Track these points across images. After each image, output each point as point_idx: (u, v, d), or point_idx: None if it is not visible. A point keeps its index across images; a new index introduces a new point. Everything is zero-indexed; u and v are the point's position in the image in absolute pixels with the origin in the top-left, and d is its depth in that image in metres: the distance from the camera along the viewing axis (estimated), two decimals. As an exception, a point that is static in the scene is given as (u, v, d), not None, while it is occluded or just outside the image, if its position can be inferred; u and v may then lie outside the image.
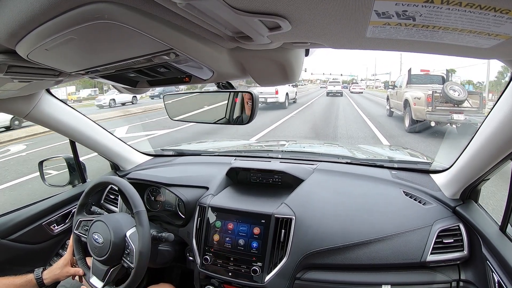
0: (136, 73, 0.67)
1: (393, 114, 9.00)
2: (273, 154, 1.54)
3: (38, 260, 1.32)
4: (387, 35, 0.41)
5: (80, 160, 1.47)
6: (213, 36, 0.48)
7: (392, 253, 0.94)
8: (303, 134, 6.93)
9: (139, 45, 0.49)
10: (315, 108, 12.77)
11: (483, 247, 0.87)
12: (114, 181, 1.11)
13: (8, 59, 0.59)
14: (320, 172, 1.24)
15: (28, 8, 0.38)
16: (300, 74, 0.67)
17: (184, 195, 1.22)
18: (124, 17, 0.39)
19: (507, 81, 0.68)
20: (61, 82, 0.84)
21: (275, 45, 0.50)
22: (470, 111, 6.08)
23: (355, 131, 7.06)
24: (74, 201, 1.41)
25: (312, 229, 1.01)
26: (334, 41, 0.47)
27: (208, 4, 0.35)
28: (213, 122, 0.98)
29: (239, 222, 1.09)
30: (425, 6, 0.32)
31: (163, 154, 1.70)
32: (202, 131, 6.93)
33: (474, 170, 0.89)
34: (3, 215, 1.25)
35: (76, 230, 1.12)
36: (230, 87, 0.88)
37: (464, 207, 0.99)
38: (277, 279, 0.99)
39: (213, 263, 1.09)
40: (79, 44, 0.48)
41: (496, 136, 0.73)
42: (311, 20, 0.38)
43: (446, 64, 24.35)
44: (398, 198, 1.08)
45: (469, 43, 0.41)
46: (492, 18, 0.32)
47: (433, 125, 6.44)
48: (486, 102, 6.37)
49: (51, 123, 1.17)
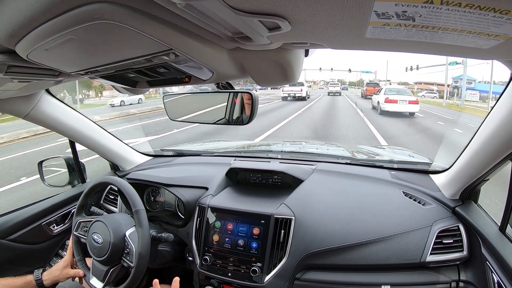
0: (136, 74, 0.67)
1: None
2: (272, 154, 1.54)
3: (38, 260, 1.32)
4: (387, 35, 0.41)
5: (80, 160, 1.47)
6: (212, 36, 0.48)
7: (391, 253, 0.94)
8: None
9: (139, 45, 0.49)
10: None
11: (482, 247, 0.87)
12: (113, 181, 1.11)
13: (8, 59, 0.59)
14: (320, 173, 1.24)
15: (28, 8, 0.38)
16: (300, 74, 0.67)
17: (183, 195, 1.22)
18: (124, 17, 0.39)
19: (507, 81, 0.68)
20: (61, 82, 0.84)
21: (275, 45, 0.50)
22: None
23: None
24: (73, 201, 1.41)
25: (311, 229, 1.01)
26: (334, 42, 0.47)
27: (207, 5, 0.35)
28: (212, 122, 0.98)
29: (239, 223, 1.09)
30: (425, 6, 0.32)
31: (162, 154, 1.70)
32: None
33: (473, 171, 0.89)
34: (2, 215, 1.25)
35: (76, 232, 1.12)
36: (230, 88, 0.88)
37: (463, 207, 0.99)
38: (276, 279, 0.99)
39: (212, 263, 1.09)
40: (79, 44, 0.48)
41: (495, 136, 0.74)
42: (311, 20, 0.38)
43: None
44: (397, 199, 1.08)
45: (468, 43, 0.41)
46: (491, 19, 0.32)
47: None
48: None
49: (50, 123, 1.17)
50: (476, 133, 0.82)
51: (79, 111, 1.29)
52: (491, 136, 0.75)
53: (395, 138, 6.83)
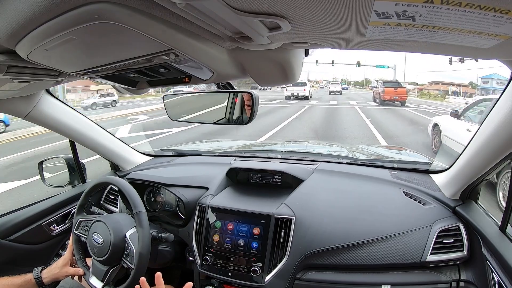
0: (136, 74, 0.67)
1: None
2: (273, 154, 1.54)
3: (38, 260, 1.32)
4: (387, 35, 0.41)
5: (80, 161, 1.47)
6: (213, 36, 0.48)
7: (392, 253, 0.94)
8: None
9: (139, 45, 0.49)
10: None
11: (483, 247, 0.87)
12: (113, 181, 1.11)
13: (8, 59, 0.59)
14: (320, 173, 1.24)
15: (28, 8, 0.38)
16: (300, 74, 0.67)
17: (184, 195, 1.22)
18: (124, 17, 0.39)
19: (507, 81, 0.68)
20: (61, 82, 0.84)
21: (275, 45, 0.50)
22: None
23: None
24: (74, 201, 1.41)
25: (312, 229, 1.01)
26: (334, 42, 0.47)
27: (208, 4, 0.35)
28: (213, 122, 0.98)
29: (239, 223, 1.09)
30: (425, 6, 0.32)
31: (163, 154, 1.70)
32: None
33: (474, 170, 0.89)
34: (3, 215, 1.25)
35: (76, 230, 1.12)
36: (230, 88, 0.88)
37: (464, 207, 0.99)
38: (277, 279, 0.99)
39: (213, 263, 1.09)
40: (79, 44, 0.48)
41: (496, 136, 0.74)
42: (311, 20, 0.38)
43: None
44: (398, 198, 1.08)
45: (468, 43, 0.41)
46: (491, 18, 0.32)
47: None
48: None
49: (50, 123, 1.17)
50: (477, 133, 0.82)
51: (79, 111, 1.29)
52: (491, 136, 0.75)
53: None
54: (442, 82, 41.03)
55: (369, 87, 53.44)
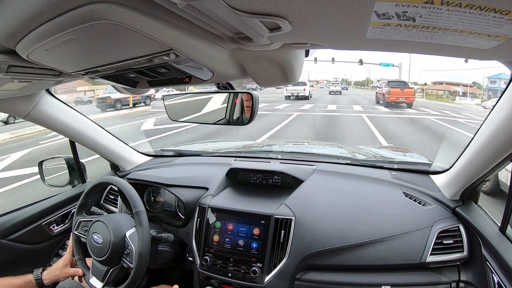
0: (136, 74, 0.67)
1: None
2: (273, 154, 1.54)
3: (38, 260, 1.32)
4: (387, 36, 0.41)
5: (80, 161, 1.47)
6: (213, 36, 0.48)
7: (391, 254, 0.94)
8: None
9: (139, 45, 0.49)
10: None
11: (483, 248, 0.87)
12: (113, 181, 1.11)
13: (8, 59, 0.59)
14: (320, 173, 1.24)
15: (29, 8, 0.38)
16: (300, 74, 0.67)
17: (184, 195, 1.22)
18: (124, 17, 0.39)
19: (507, 82, 0.68)
20: (61, 82, 0.84)
21: (275, 46, 0.50)
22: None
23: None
24: (73, 201, 1.41)
25: (311, 229, 1.01)
26: (334, 42, 0.47)
27: (208, 5, 0.35)
28: (213, 122, 0.98)
29: (239, 223, 1.09)
30: (425, 7, 0.32)
31: (163, 154, 1.70)
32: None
33: (474, 171, 0.89)
34: (2, 215, 1.25)
35: (76, 231, 1.12)
36: (230, 88, 0.88)
37: (464, 208, 0.99)
38: (276, 279, 0.99)
39: (212, 263, 1.09)
40: (79, 44, 0.48)
41: (496, 137, 0.73)
42: (311, 21, 0.38)
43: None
44: (397, 199, 1.08)
45: (469, 44, 0.41)
46: (492, 19, 0.32)
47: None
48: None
49: (51, 123, 1.17)
50: (477, 134, 0.82)
51: (79, 111, 1.29)
52: (491, 137, 0.75)
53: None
54: (446, 82, 39.57)
55: (370, 87, 53.04)
